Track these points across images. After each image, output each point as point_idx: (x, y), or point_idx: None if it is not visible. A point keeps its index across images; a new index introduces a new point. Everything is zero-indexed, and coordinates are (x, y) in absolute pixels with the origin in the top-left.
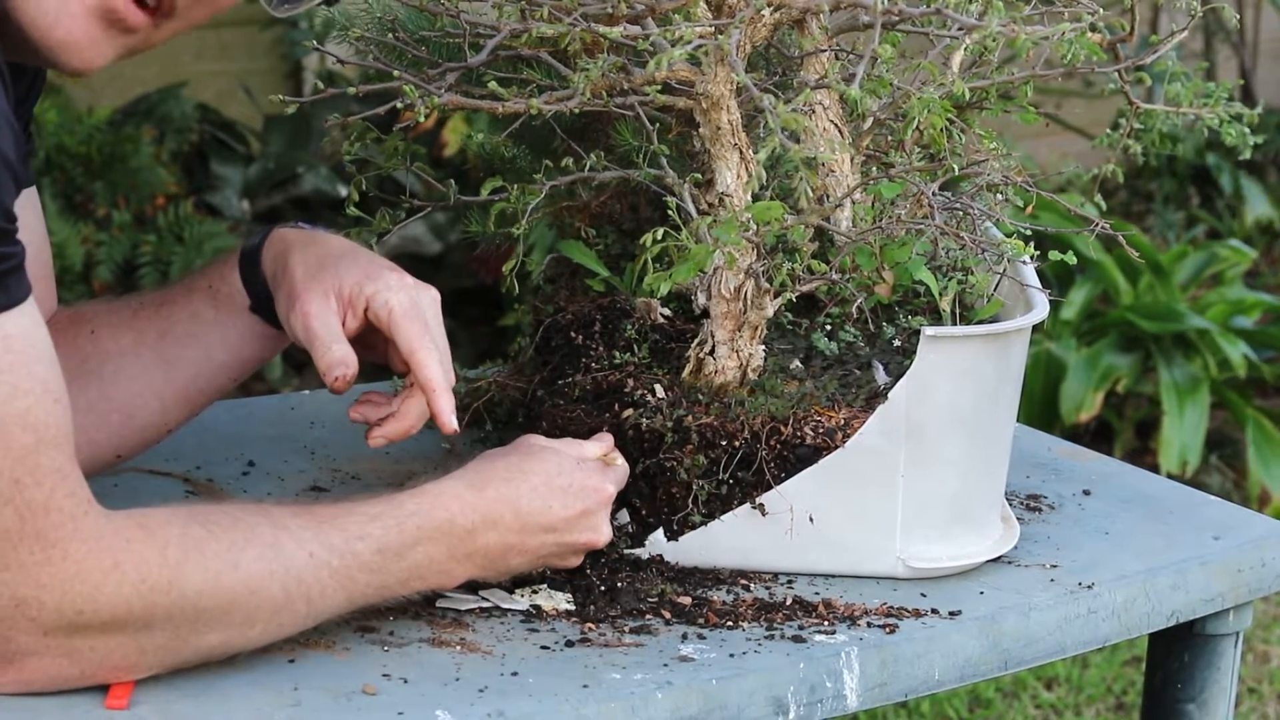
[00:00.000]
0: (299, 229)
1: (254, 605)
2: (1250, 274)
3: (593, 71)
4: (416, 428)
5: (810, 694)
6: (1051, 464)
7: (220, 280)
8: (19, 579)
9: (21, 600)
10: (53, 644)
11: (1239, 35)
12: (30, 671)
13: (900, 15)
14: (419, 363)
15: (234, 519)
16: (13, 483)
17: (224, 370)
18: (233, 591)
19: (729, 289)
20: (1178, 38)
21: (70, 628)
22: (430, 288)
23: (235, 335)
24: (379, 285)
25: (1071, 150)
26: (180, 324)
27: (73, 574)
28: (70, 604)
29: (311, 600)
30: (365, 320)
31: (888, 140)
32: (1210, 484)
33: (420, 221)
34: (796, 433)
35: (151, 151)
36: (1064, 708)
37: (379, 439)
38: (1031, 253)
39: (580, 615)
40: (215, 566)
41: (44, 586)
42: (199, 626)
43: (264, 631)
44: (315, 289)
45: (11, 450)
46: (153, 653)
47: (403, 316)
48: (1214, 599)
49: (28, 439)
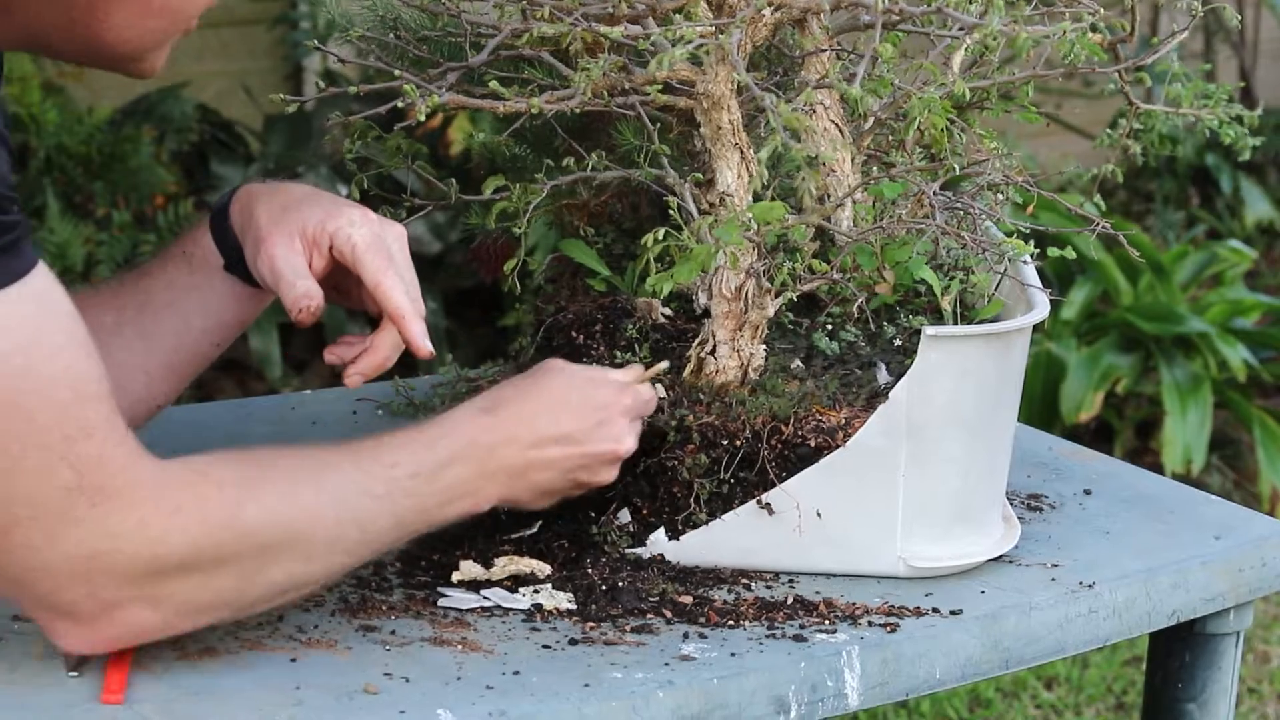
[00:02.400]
0: (265, 183)
1: (310, 535)
2: (1250, 274)
3: (594, 71)
4: (391, 360)
5: (811, 693)
6: (1052, 463)
7: (193, 244)
8: (89, 533)
9: (96, 553)
10: (134, 592)
11: (1239, 36)
12: (118, 625)
13: (901, 15)
14: (384, 292)
15: (278, 456)
16: (64, 439)
17: (205, 336)
18: (290, 523)
19: (730, 289)
20: (1179, 38)
21: (147, 574)
22: (396, 224)
23: (213, 298)
24: (341, 221)
25: (1072, 150)
26: (157, 294)
27: (139, 521)
28: (145, 549)
29: (363, 526)
30: (331, 259)
31: (889, 140)
32: (1211, 484)
33: (420, 221)
34: (798, 432)
35: (151, 151)
36: (1064, 707)
37: (354, 376)
38: (1032, 252)
39: (582, 614)
40: (270, 501)
41: (115, 536)
42: (263, 561)
43: (325, 564)
44: (279, 232)
45: (57, 407)
46: (225, 592)
47: (365, 250)
48: (1215, 598)
49: (70, 395)
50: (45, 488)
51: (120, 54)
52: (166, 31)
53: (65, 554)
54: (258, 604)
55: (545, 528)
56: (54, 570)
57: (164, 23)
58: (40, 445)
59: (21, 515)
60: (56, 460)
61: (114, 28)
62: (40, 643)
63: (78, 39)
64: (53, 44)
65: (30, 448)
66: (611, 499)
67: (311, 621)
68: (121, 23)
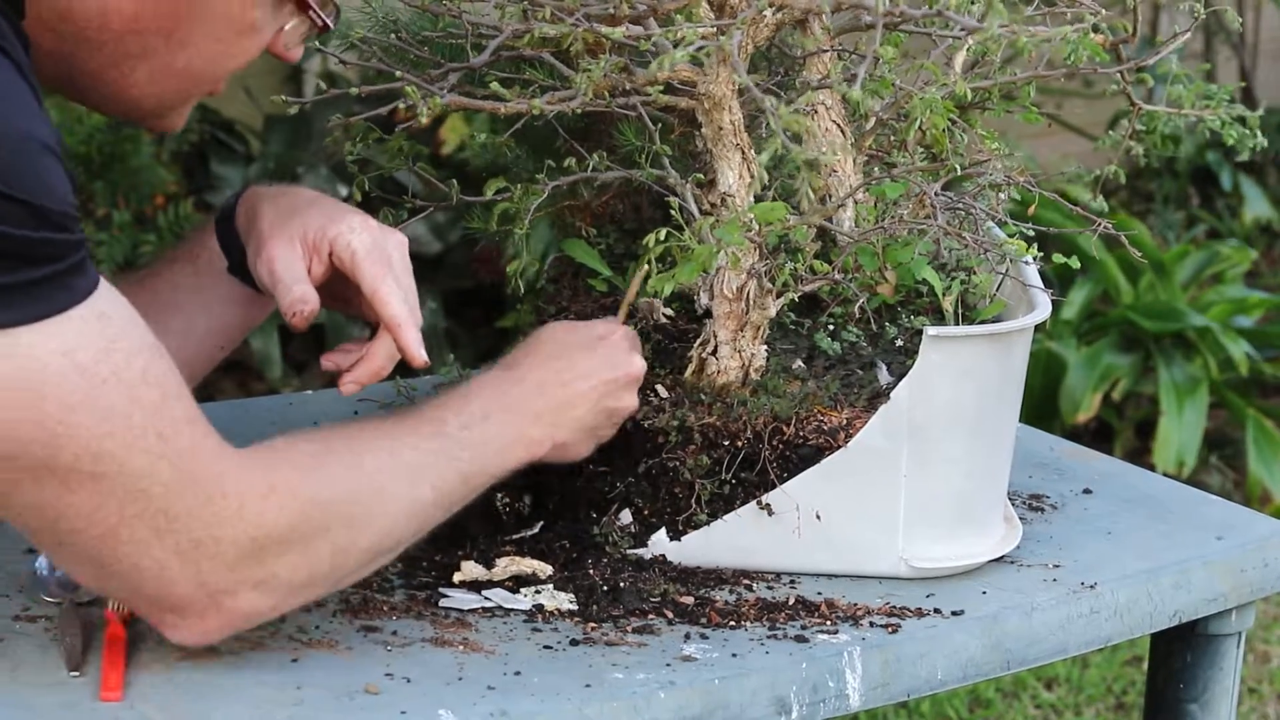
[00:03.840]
0: (272, 186)
1: (388, 499)
2: (1250, 274)
3: (595, 72)
4: (387, 369)
5: (813, 694)
6: (1054, 464)
7: (199, 246)
8: (192, 525)
9: (200, 542)
10: (242, 577)
11: (1239, 36)
12: (229, 613)
13: (902, 16)
14: (381, 299)
15: (333, 433)
16: (158, 437)
17: (209, 338)
18: (366, 489)
19: (732, 289)
20: (1180, 39)
21: (251, 557)
22: (397, 232)
23: (216, 300)
24: (341, 228)
25: (1072, 150)
26: (162, 295)
27: (237, 507)
28: (244, 534)
29: (436, 485)
30: (331, 265)
31: (890, 140)
32: (1210, 484)
33: (420, 221)
34: (799, 433)
35: (151, 151)
36: (1064, 707)
37: (350, 383)
38: (1034, 253)
39: (583, 615)
40: (341, 473)
41: (216, 524)
42: (352, 530)
43: (409, 524)
44: (280, 235)
45: (146, 407)
46: (323, 564)
47: (365, 257)
48: (1216, 599)
49: (155, 394)
50: (148, 485)
51: (142, 110)
52: (190, 92)
53: (172, 546)
54: (353, 573)
55: (546, 528)
56: (163, 564)
57: (186, 84)
58: (141, 449)
59: (128, 514)
60: (156, 459)
61: (137, 84)
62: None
63: (103, 90)
64: (81, 89)
65: (132, 451)
66: (613, 500)
67: (312, 622)
68: (144, 79)
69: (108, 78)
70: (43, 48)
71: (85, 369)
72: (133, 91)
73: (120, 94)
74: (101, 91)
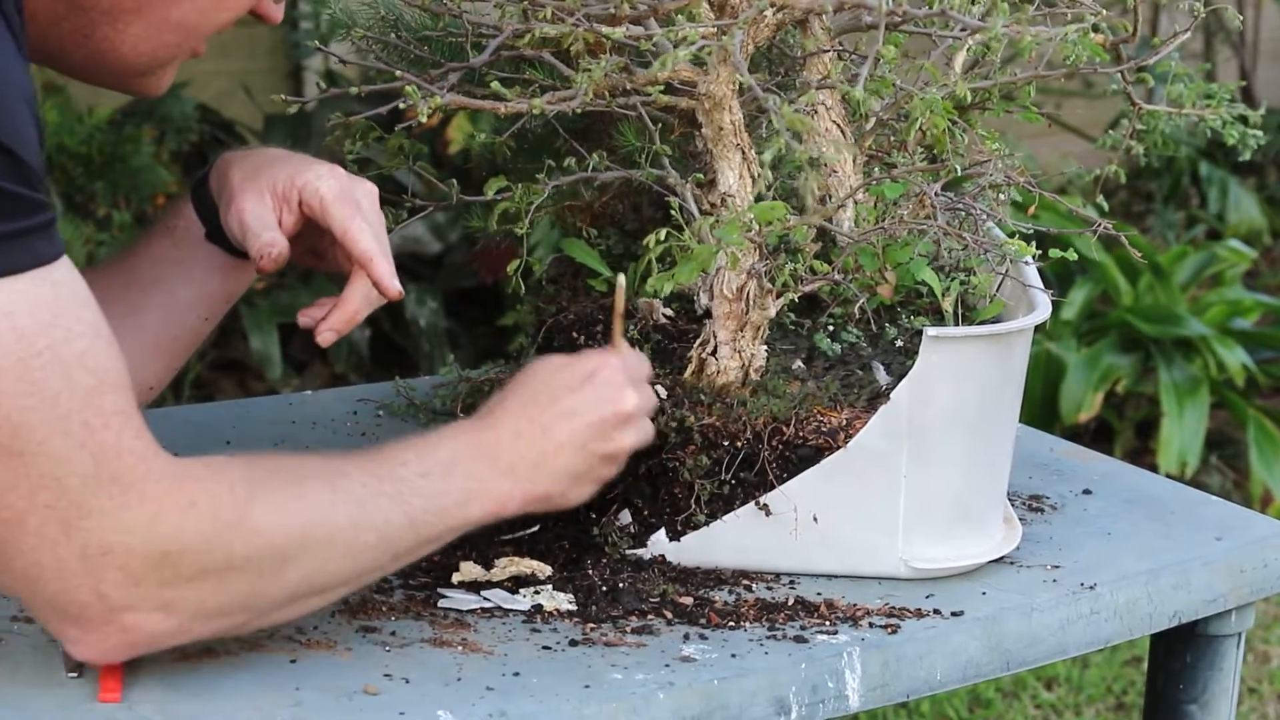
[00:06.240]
0: (241, 149)
1: (324, 537)
2: (1249, 274)
3: (595, 72)
4: (362, 313)
5: (812, 694)
6: (1053, 464)
7: (176, 217)
8: (102, 525)
9: (108, 549)
10: (146, 594)
11: (1239, 36)
12: (131, 631)
13: (903, 16)
14: (351, 237)
15: (284, 459)
16: (82, 425)
17: (192, 309)
18: (301, 523)
19: (731, 289)
20: (1180, 39)
21: (159, 574)
22: (366, 181)
23: (197, 269)
24: (309, 175)
25: (1072, 150)
26: (143, 269)
27: (152, 515)
28: (155, 547)
29: (379, 529)
30: (302, 214)
31: (890, 141)
32: (1210, 484)
33: (420, 221)
34: (799, 433)
35: (152, 151)
36: (1064, 708)
37: (327, 332)
38: (1034, 253)
39: (582, 615)
40: (279, 499)
41: (128, 531)
42: (278, 563)
43: (342, 567)
44: (250, 189)
45: (77, 392)
46: (239, 596)
47: (333, 200)
48: (1216, 599)
49: (90, 381)
50: (65, 475)
51: (132, 68)
52: (180, 46)
53: (79, 547)
54: (276, 609)
55: (545, 529)
56: (66, 565)
57: (178, 38)
58: (63, 431)
59: (39, 502)
60: (77, 447)
61: (130, 39)
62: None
63: (92, 50)
64: (66, 53)
65: (54, 433)
66: (612, 500)
67: (311, 622)
68: (139, 34)
69: (100, 34)
70: (34, 7)
71: (23, 334)
72: (123, 49)
73: (112, 51)
74: (92, 50)
